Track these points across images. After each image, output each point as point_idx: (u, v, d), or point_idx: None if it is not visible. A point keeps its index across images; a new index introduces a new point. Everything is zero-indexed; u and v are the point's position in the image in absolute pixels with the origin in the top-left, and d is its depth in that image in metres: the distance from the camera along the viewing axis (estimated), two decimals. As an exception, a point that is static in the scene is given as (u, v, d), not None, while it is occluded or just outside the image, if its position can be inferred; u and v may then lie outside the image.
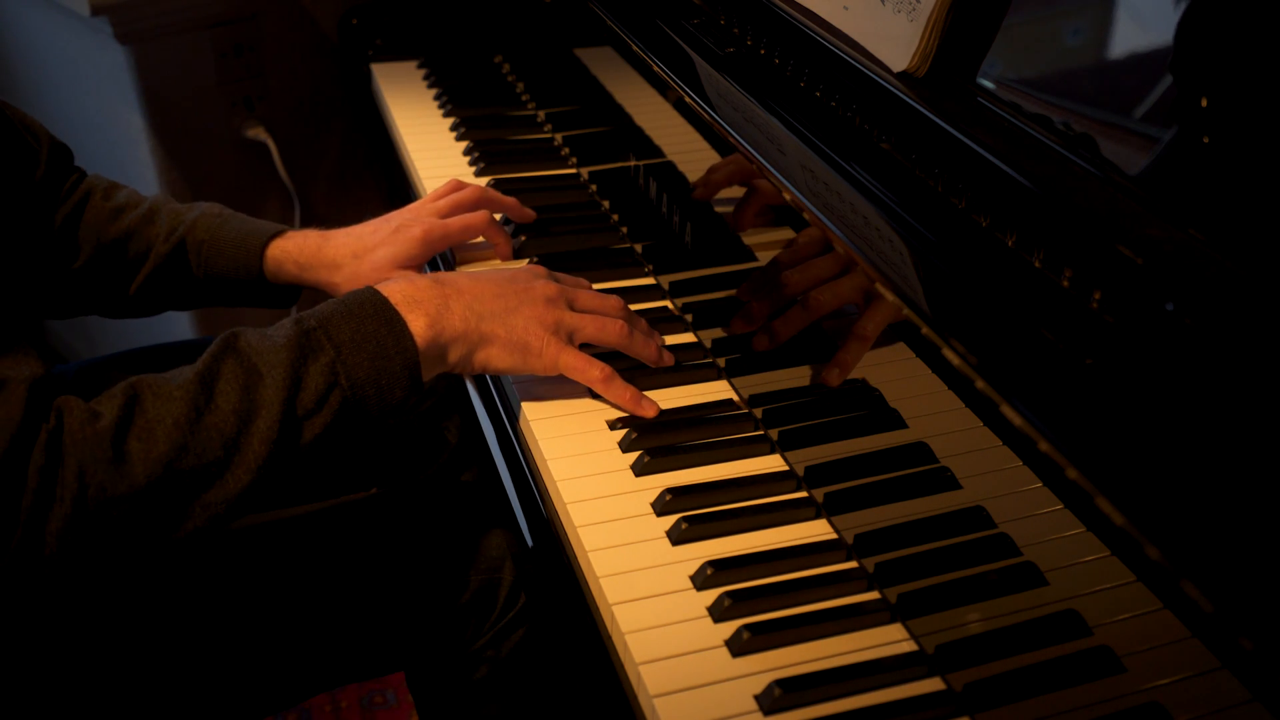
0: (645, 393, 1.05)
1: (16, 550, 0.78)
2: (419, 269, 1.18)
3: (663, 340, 1.10)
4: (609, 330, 1.04)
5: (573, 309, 1.04)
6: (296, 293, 1.23)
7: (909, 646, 0.85)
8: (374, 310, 0.93)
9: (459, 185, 1.26)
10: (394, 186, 1.59)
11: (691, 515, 0.93)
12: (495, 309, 1.00)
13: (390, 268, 1.16)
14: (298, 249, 1.18)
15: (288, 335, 0.90)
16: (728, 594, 0.86)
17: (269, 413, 0.86)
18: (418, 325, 0.95)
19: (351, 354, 0.91)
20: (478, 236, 1.23)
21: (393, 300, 0.95)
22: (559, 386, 1.08)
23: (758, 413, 1.05)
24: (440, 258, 1.29)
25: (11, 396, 0.79)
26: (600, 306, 1.06)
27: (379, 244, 1.17)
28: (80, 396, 0.84)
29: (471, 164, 1.50)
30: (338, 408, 0.90)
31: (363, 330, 0.92)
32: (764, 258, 1.11)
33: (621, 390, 1.04)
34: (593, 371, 1.03)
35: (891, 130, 0.94)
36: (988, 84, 0.91)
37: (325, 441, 0.90)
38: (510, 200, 1.29)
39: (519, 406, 1.06)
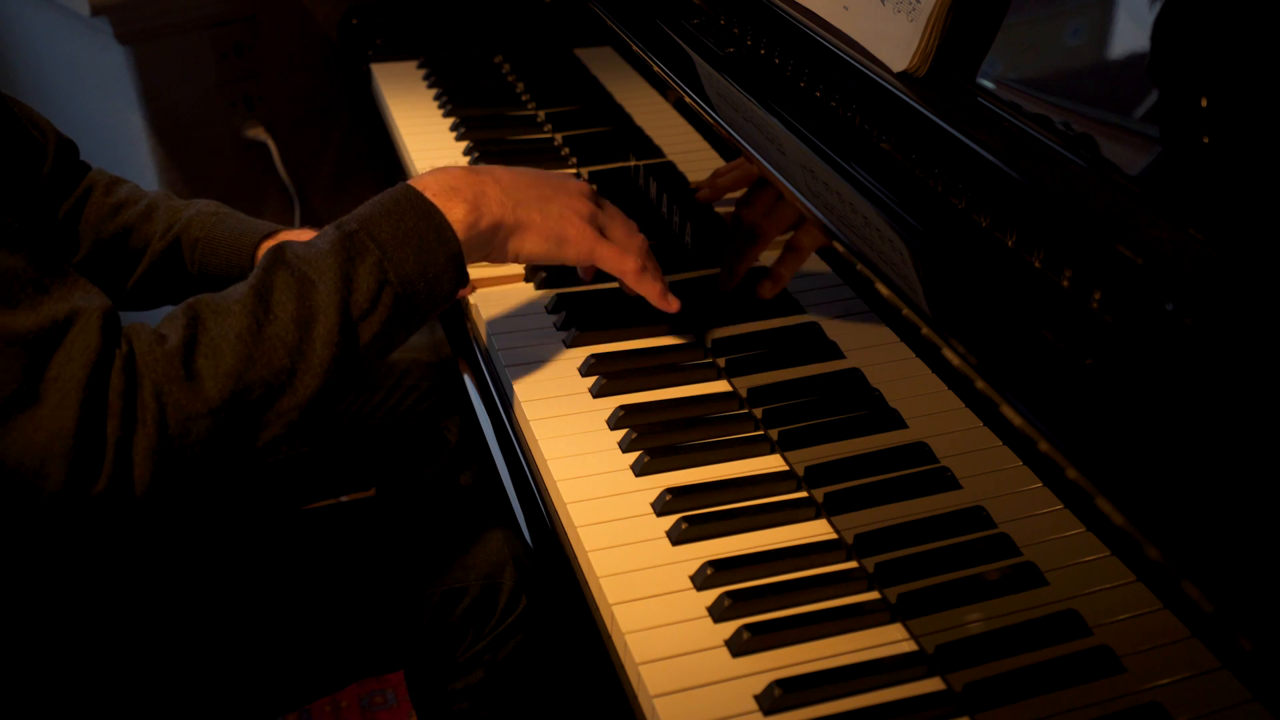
0: (645, 392, 1.05)
1: (111, 478, 0.79)
2: None
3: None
4: (635, 242, 1.05)
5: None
6: None
7: (909, 646, 0.85)
8: (411, 206, 0.94)
9: None
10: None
11: (691, 515, 0.93)
12: (531, 196, 1.01)
13: None
14: None
15: (332, 241, 0.91)
16: (728, 594, 0.86)
17: (326, 317, 0.87)
18: (456, 214, 0.95)
19: (396, 250, 0.91)
20: None
21: (428, 193, 0.96)
22: (559, 384, 1.08)
23: (758, 413, 1.05)
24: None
25: (89, 324, 0.81)
26: (626, 223, 1.07)
27: None
28: None
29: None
30: (391, 305, 0.91)
31: (403, 226, 0.93)
32: (764, 259, 1.11)
33: (652, 284, 1.05)
34: (628, 262, 1.03)
35: (891, 130, 0.94)
36: (988, 84, 0.91)
37: (383, 343, 0.91)
38: None
39: (519, 406, 1.06)
